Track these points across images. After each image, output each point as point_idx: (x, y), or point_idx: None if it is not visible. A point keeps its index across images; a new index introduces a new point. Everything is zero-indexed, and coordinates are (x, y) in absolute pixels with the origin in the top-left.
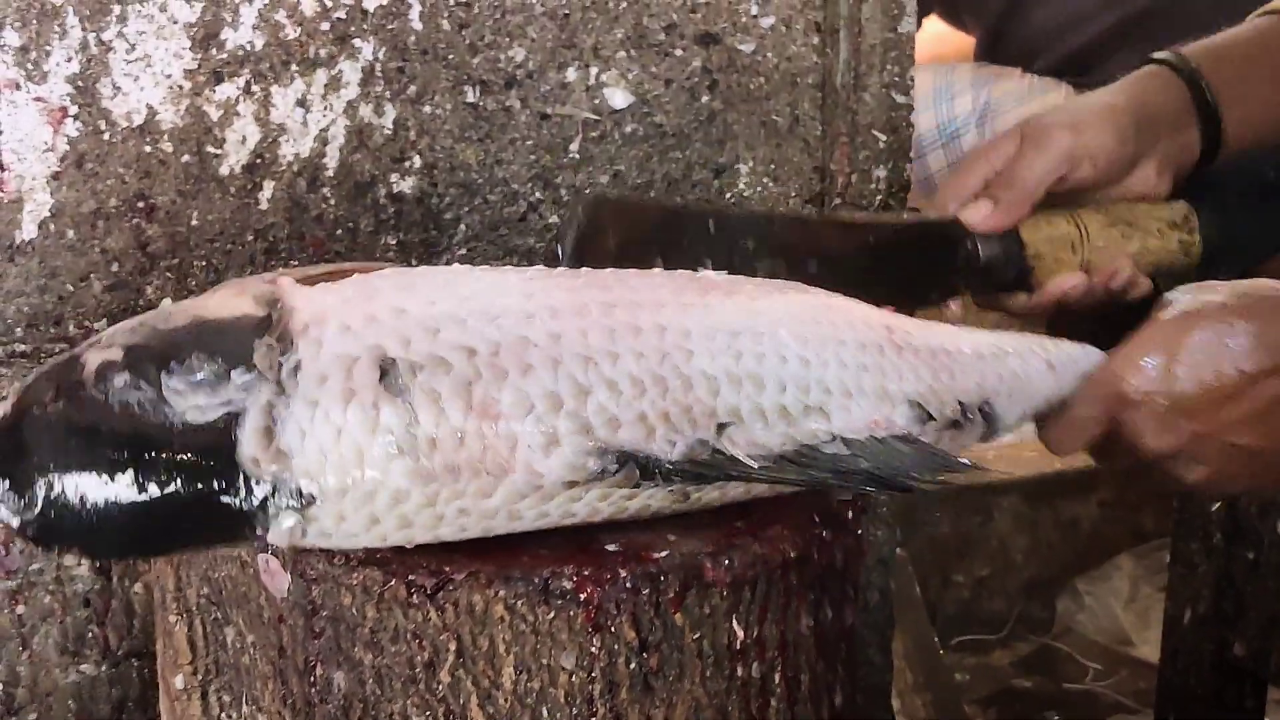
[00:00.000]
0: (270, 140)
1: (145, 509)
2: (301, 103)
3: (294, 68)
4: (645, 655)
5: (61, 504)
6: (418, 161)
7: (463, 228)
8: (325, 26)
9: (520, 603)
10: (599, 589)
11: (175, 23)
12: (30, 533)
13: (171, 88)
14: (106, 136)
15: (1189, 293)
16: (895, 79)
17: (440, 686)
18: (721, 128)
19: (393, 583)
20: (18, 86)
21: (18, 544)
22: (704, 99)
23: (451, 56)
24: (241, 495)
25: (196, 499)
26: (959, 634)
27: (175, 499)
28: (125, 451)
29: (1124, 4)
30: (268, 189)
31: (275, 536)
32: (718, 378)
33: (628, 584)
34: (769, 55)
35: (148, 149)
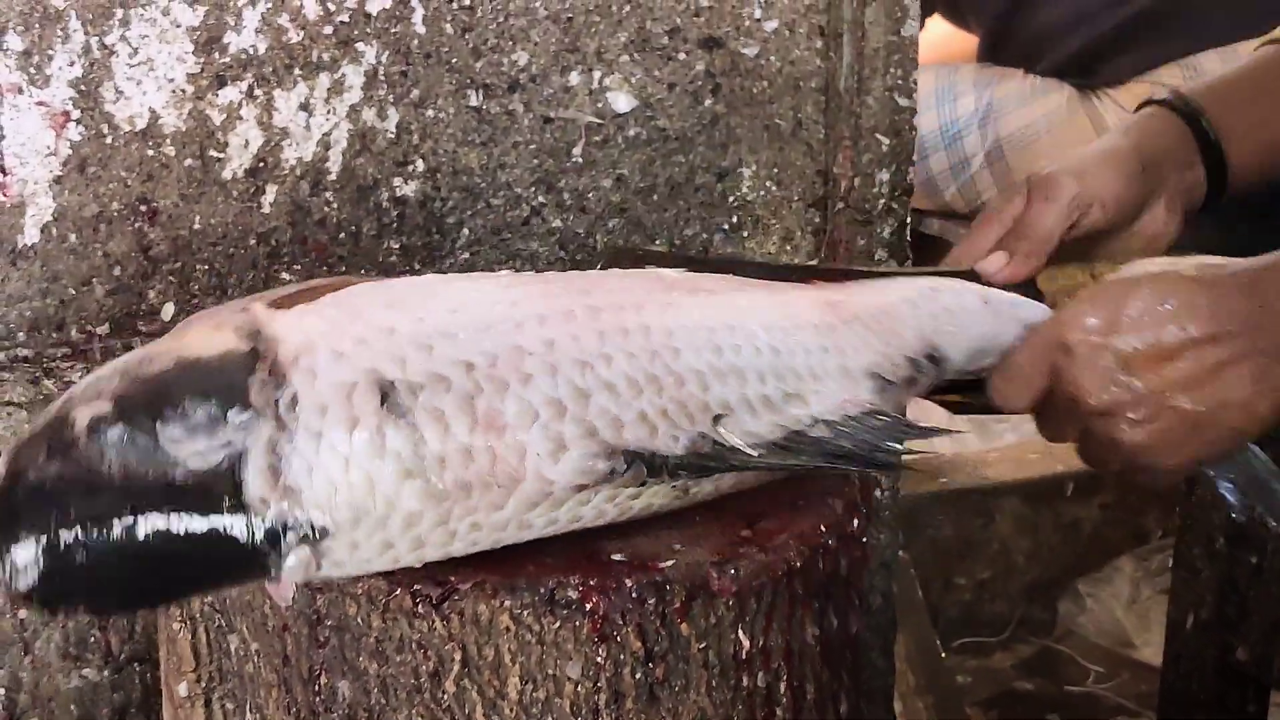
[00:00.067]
0: (273, 144)
1: (153, 563)
2: (304, 106)
3: (297, 71)
4: (651, 665)
5: (66, 568)
6: (420, 165)
7: (465, 232)
8: (328, 30)
9: (526, 612)
10: (604, 599)
11: (178, 26)
12: (36, 599)
13: (174, 91)
14: (109, 140)
15: (1143, 266)
16: (898, 82)
17: (445, 696)
18: (725, 131)
19: (398, 592)
20: (20, 90)
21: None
22: (707, 103)
23: (455, 60)
24: (252, 536)
25: (205, 546)
26: (960, 636)
27: (183, 549)
28: (128, 507)
29: (1127, 4)
30: (270, 193)
31: (289, 573)
32: (705, 372)
33: (633, 594)
34: (772, 59)
35: (150, 153)
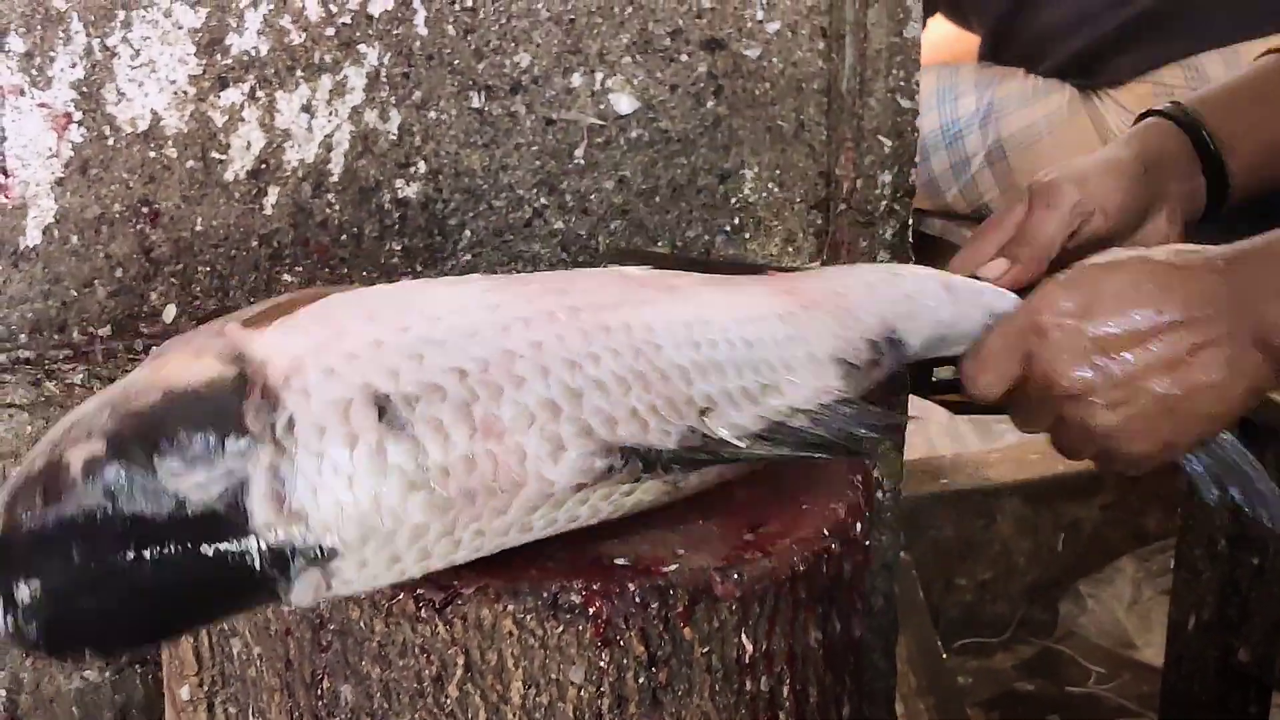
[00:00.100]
0: (275, 146)
1: (160, 600)
2: (306, 108)
3: (299, 73)
4: (654, 669)
5: (73, 614)
6: (423, 167)
7: (467, 233)
8: (330, 32)
9: (529, 617)
10: (607, 603)
11: (180, 28)
12: (46, 647)
13: (176, 93)
14: (111, 142)
15: (1119, 252)
16: (901, 84)
17: (448, 701)
18: (727, 133)
19: (400, 597)
20: (22, 92)
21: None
22: (709, 104)
23: (457, 62)
24: (260, 563)
25: (213, 578)
26: (961, 637)
27: (190, 584)
28: (132, 546)
29: (1129, 5)
30: (272, 194)
31: (299, 596)
32: (687, 368)
33: (636, 598)
34: (774, 60)
35: (152, 154)
